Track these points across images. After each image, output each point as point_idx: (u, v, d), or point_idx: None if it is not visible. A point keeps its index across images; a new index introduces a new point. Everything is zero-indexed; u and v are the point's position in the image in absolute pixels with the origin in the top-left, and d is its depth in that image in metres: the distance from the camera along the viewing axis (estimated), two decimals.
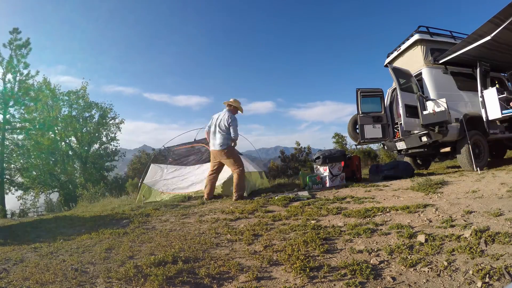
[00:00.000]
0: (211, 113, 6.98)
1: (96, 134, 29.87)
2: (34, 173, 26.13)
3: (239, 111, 6.82)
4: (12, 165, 25.58)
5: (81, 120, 29.40)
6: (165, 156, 8.33)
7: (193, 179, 7.51)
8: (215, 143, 6.49)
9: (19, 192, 25.86)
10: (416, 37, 8.01)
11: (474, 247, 2.51)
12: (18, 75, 23.95)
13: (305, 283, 2.24)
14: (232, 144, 6.51)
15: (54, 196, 28.42)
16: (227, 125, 6.41)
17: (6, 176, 24.58)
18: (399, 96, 7.21)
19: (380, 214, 3.90)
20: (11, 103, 23.41)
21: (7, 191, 24.58)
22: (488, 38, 6.71)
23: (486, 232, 2.79)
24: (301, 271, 2.36)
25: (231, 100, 6.67)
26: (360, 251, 2.74)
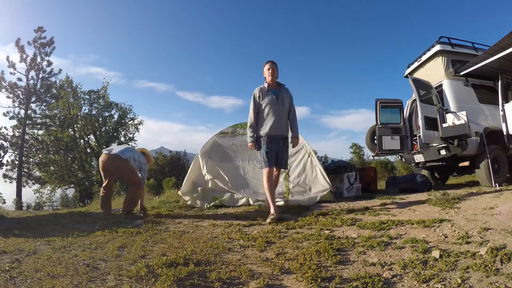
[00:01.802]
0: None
1: (115, 134, 30.40)
2: (52, 168, 26.72)
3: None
4: (31, 159, 26.20)
5: (100, 119, 30.01)
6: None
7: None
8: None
9: (36, 186, 26.44)
10: (437, 48, 7.89)
11: (489, 265, 2.44)
12: (41, 72, 24.56)
13: None
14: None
15: (70, 192, 28.99)
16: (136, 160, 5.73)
17: (24, 170, 25.15)
18: (418, 108, 7.11)
19: (395, 227, 3.83)
20: (33, 99, 24.01)
21: (24, 184, 25.14)
22: (511, 50, 6.57)
23: (503, 250, 2.71)
24: (312, 281, 2.34)
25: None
26: (373, 264, 2.70)
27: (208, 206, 6.18)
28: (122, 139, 31.21)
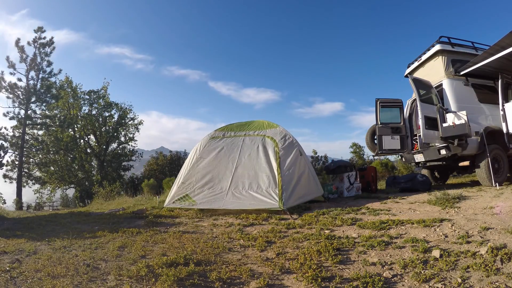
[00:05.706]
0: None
1: (115, 134, 30.37)
2: (52, 168, 26.71)
3: None
4: (31, 159, 26.18)
5: (100, 119, 30.01)
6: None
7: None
8: None
9: (36, 186, 26.41)
10: (437, 47, 7.88)
11: (489, 265, 2.45)
12: (41, 72, 24.53)
13: None
14: None
15: (70, 192, 28.96)
16: None
17: (25, 170, 25.11)
18: (418, 108, 7.10)
19: (395, 227, 3.83)
20: (33, 99, 23.99)
21: (24, 184, 25.10)
22: (510, 50, 6.56)
23: (503, 250, 2.71)
24: (313, 281, 2.34)
25: None
26: (373, 264, 2.70)
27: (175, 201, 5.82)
28: (122, 139, 31.20)
